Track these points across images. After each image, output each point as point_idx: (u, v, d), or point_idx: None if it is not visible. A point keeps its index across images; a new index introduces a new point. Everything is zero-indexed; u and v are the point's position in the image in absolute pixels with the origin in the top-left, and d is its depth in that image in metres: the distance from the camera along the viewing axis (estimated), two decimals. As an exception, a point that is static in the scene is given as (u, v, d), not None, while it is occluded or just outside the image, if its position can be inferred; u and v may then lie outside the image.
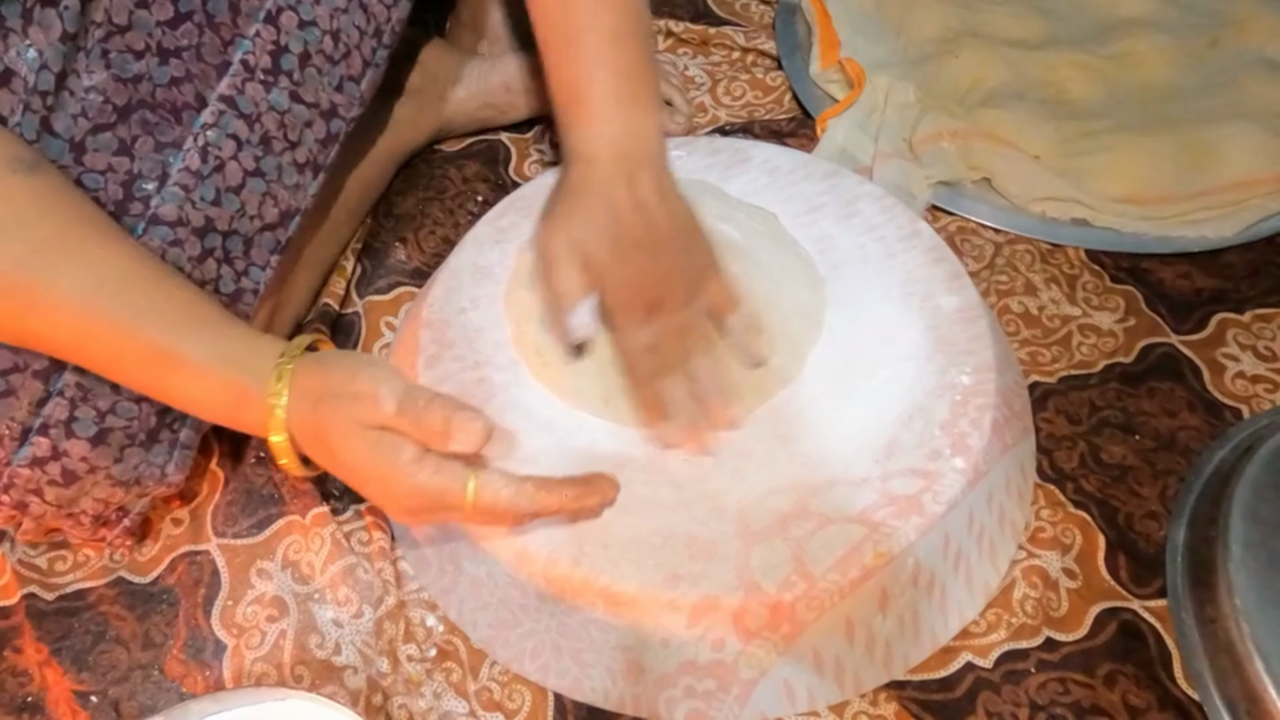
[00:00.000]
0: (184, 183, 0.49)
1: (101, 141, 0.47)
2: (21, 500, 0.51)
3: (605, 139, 0.53)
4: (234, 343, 0.46)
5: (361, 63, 0.56)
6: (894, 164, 0.73)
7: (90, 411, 0.49)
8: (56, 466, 0.50)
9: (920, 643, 0.51)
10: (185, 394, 0.46)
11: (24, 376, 0.48)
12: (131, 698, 0.53)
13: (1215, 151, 0.71)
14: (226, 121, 0.51)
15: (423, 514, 0.46)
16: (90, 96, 0.46)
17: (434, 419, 0.43)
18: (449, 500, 0.44)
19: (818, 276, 0.60)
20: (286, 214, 0.54)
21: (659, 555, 0.48)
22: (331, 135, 0.56)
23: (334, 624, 0.54)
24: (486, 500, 0.44)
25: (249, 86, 0.51)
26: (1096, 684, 0.50)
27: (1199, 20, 0.82)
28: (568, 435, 0.53)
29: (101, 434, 0.50)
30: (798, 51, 0.84)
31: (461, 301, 0.60)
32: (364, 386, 0.43)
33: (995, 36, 0.82)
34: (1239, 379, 0.62)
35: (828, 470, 0.51)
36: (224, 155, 0.51)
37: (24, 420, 0.48)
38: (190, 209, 0.50)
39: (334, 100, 0.55)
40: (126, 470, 0.52)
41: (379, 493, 0.45)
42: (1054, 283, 0.68)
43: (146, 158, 0.48)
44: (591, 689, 0.51)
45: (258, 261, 0.54)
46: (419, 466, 0.43)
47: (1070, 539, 0.56)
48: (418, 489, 0.44)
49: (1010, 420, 0.55)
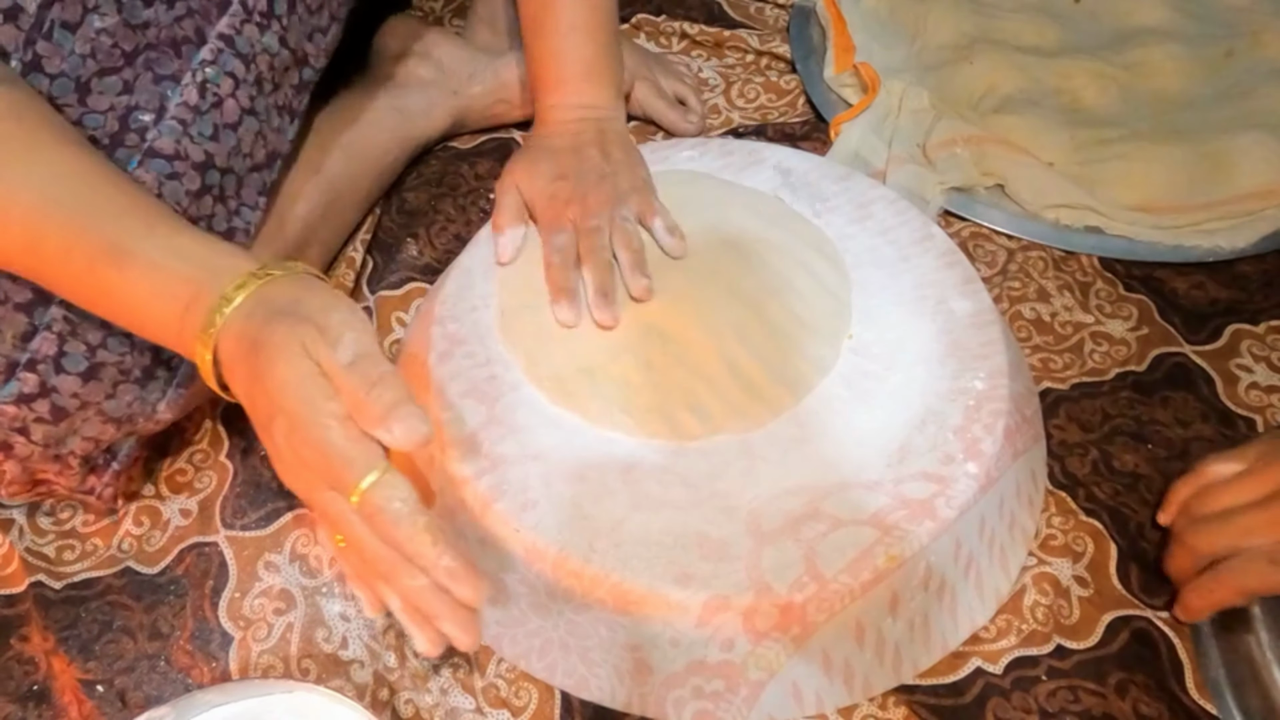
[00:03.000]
0: (182, 117, 0.50)
1: (107, 84, 0.48)
2: (5, 440, 0.49)
3: (566, 106, 0.64)
4: (195, 241, 0.43)
5: (329, 16, 0.59)
6: (907, 169, 0.73)
7: (80, 346, 0.48)
8: (45, 404, 0.49)
9: (930, 647, 0.51)
10: (134, 294, 0.42)
11: (6, 309, 0.47)
12: (138, 687, 0.52)
13: (1230, 161, 0.71)
14: (225, 60, 0.51)
15: (311, 478, 0.40)
16: (100, 39, 0.47)
17: (381, 396, 0.38)
18: (344, 475, 0.39)
19: (836, 252, 0.60)
20: (271, 156, 0.56)
21: (669, 554, 0.48)
22: (304, 83, 0.58)
23: (341, 618, 0.54)
24: (376, 500, 0.39)
25: (246, 27, 0.52)
26: (1108, 692, 0.50)
27: (1215, 30, 0.82)
28: (578, 433, 0.53)
29: (93, 369, 0.49)
30: (812, 55, 0.84)
31: (473, 299, 0.59)
32: (332, 322, 0.40)
33: (1010, 43, 0.82)
34: (1253, 390, 0.62)
35: (840, 472, 0.51)
36: (222, 93, 0.51)
37: (9, 355, 0.47)
38: (189, 143, 0.50)
39: (306, 49, 0.57)
40: (119, 407, 0.51)
41: (281, 430, 0.40)
42: (1066, 290, 0.68)
43: (144, 90, 0.49)
44: (599, 688, 0.51)
45: (248, 202, 0.55)
46: (339, 424, 0.39)
47: (1082, 546, 0.55)
48: (323, 444, 0.39)
49: (1022, 426, 0.55)
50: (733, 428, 0.52)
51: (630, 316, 0.56)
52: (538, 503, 0.50)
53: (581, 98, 0.63)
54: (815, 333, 0.56)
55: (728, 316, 0.55)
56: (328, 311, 0.40)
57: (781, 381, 0.53)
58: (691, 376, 0.53)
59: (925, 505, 0.49)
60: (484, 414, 0.54)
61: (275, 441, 0.41)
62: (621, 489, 0.50)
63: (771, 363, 0.54)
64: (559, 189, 0.59)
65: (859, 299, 0.58)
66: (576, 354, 0.55)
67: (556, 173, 0.60)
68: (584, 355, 0.55)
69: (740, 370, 0.53)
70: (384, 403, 0.38)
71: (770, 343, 0.55)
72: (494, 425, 0.53)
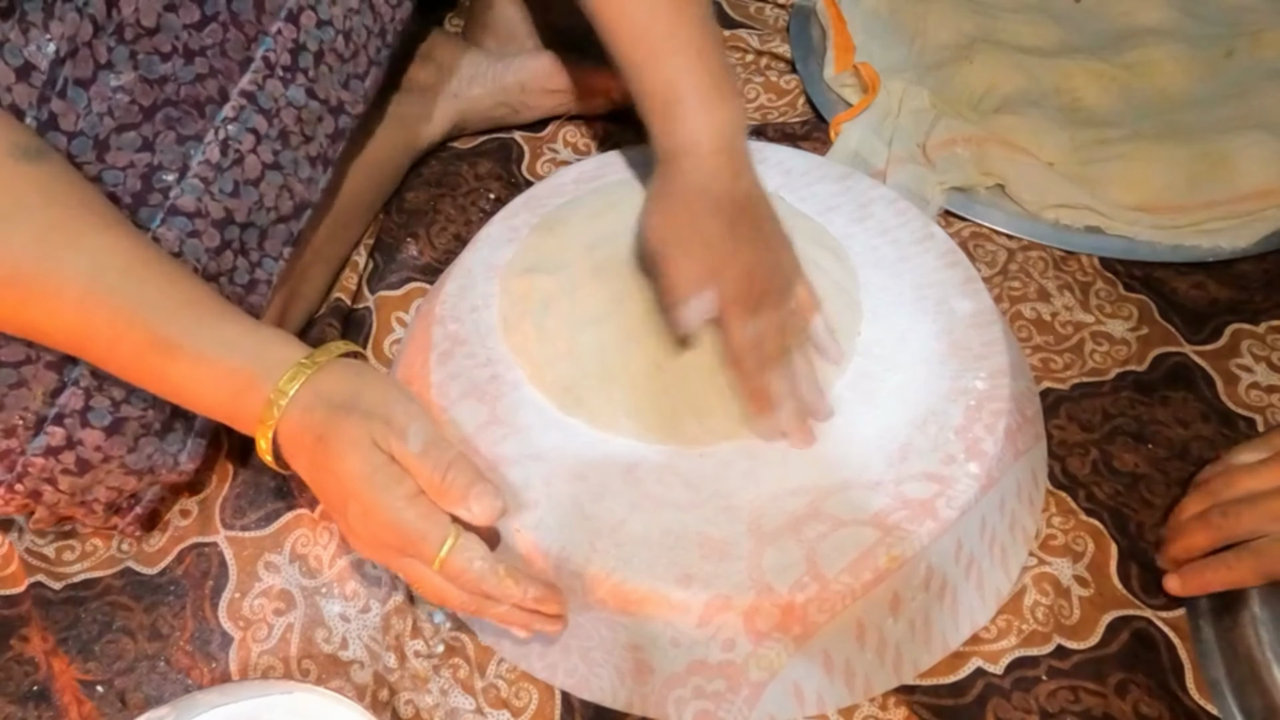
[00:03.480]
0: (203, 175, 0.50)
1: (125, 140, 0.48)
2: (35, 489, 0.51)
3: (702, 134, 0.53)
4: (240, 331, 0.45)
5: (367, 61, 0.57)
6: (908, 169, 0.73)
7: (105, 401, 0.49)
8: (71, 455, 0.50)
9: (931, 647, 0.51)
10: (183, 383, 0.45)
11: (36, 368, 0.47)
12: (138, 688, 0.52)
13: (1230, 161, 0.71)
14: (247, 116, 0.51)
15: (388, 551, 0.45)
16: (117, 96, 0.47)
17: (456, 479, 0.43)
18: (422, 549, 0.43)
19: (841, 248, 0.59)
20: (299, 206, 0.55)
21: (671, 554, 0.48)
22: (340, 131, 0.57)
23: (341, 618, 0.54)
24: (457, 563, 0.43)
25: (269, 83, 0.52)
26: (1108, 693, 0.50)
27: (1215, 30, 0.82)
28: (579, 433, 0.53)
29: (116, 423, 0.50)
30: (812, 55, 0.84)
31: (474, 299, 0.59)
32: (396, 415, 0.43)
33: (1010, 43, 0.82)
34: (1253, 389, 0.62)
35: (841, 472, 0.50)
36: (244, 149, 0.51)
37: (39, 410, 0.48)
38: (209, 201, 0.50)
39: (341, 97, 0.56)
40: (140, 459, 0.52)
41: (356, 514, 0.44)
42: (1067, 289, 0.68)
43: (168, 150, 0.49)
44: (600, 688, 0.50)
45: (271, 253, 0.54)
46: (411, 504, 0.43)
47: (1082, 546, 0.55)
48: (398, 524, 0.43)
49: (1023, 426, 0.55)
50: (739, 435, 0.52)
51: (640, 318, 0.55)
52: (539, 503, 0.50)
53: (714, 120, 0.53)
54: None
55: None
56: (389, 404, 0.44)
57: None
58: (703, 382, 0.53)
59: (926, 505, 0.49)
60: (485, 414, 0.54)
61: (350, 522, 0.45)
62: (623, 489, 0.50)
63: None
64: (742, 254, 0.52)
65: (861, 298, 0.58)
66: (584, 362, 0.54)
67: (729, 225, 0.52)
68: (592, 363, 0.54)
69: None
70: (460, 485, 0.43)
71: None
72: (495, 425, 0.53)
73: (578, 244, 0.59)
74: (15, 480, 0.50)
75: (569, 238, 0.60)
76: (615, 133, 0.79)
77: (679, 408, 0.53)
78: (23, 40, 0.44)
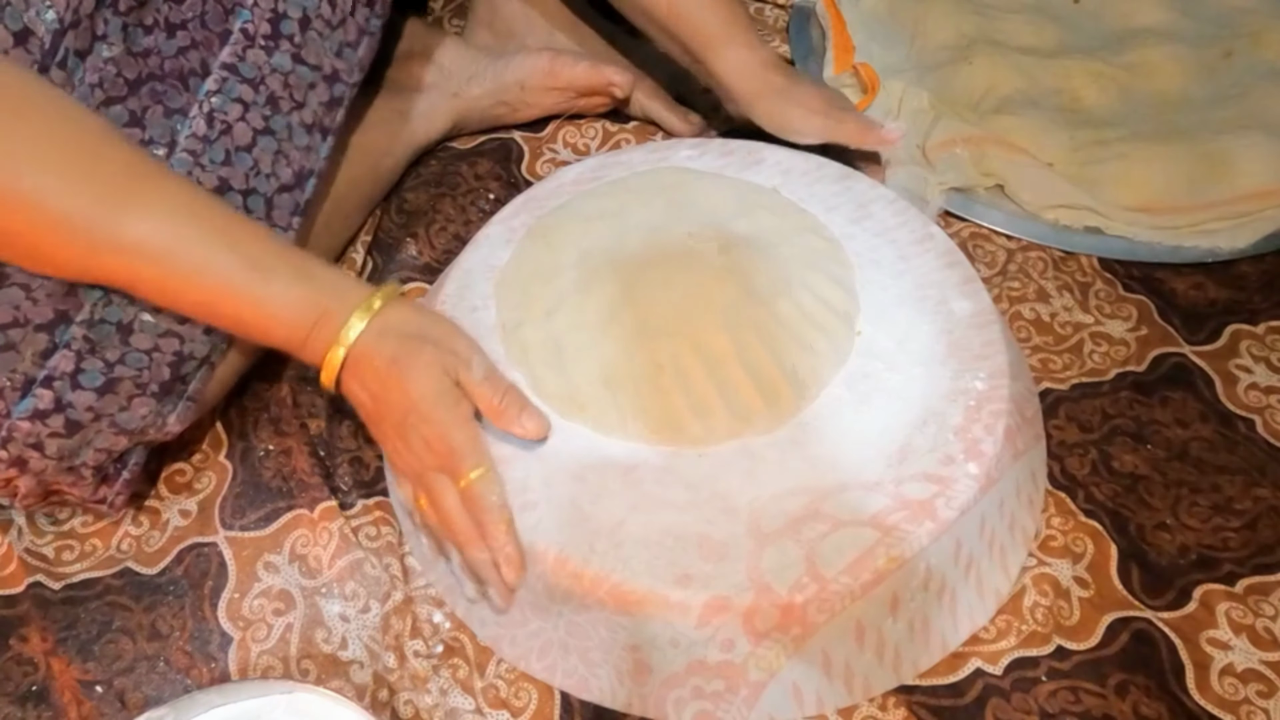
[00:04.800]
0: (191, 149, 0.51)
1: (113, 114, 0.48)
2: (20, 455, 0.50)
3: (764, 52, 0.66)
4: (316, 265, 0.49)
5: (358, 30, 0.58)
6: (907, 169, 0.72)
7: (98, 363, 0.49)
8: (59, 419, 0.50)
9: (930, 648, 0.51)
10: (264, 312, 0.47)
11: (25, 330, 0.48)
12: (137, 688, 0.52)
13: (1229, 162, 0.71)
14: (231, 87, 0.52)
15: (426, 465, 0.49)
16: (107, 68, 0.48)
17: (512, 399, 0.50)
18: (459, 466, 0.48)
19: (836, 238, 0.60)
20: (301, 175, 0.56)
21: (670, 555, 0.48)
22: (335, 99, 0.58)
23: (341, 618, 0.54)
24: (479, 489, 0.48)
25: (250, 53, 0.53)
26: (1108, 693, 0.50)
27: (1214, 31, 0.82)
28: (579, 434, 0.53)
29: (109, 383, 0.50)
30: (811, 56, 0.84)
31: (474, 300, 0.59)
32: (462, 347, 0.50)
33: (1009, 44, 0.82)
34: (1252, 390, 0.62)
35: (840, 473, 0.50)
36: (230, 119, 0.52)
37: (27, 371, 0.48)
38: (200, 173, 0.51)
39: (335, 65, 0.57)
40: (133, 419, 0.52)
41: (413, 424, 0.48)
42: (1066, 290, 0.68)
43: (157, 124, 0.50)
44: (599, 688, 0.50)
45: (279, 223, 0.55)
46: (464, 426, 0.48)
47: (1081, 547, 0.55)
48: (449, 439, 0.48)
49: (1022, 426, 0.55)
50: (741, 434, 0.52)
51: (641, 319, 0.55)
52: (538, 503, 0.50)
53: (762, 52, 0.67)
54: (824, 328, 0.55)
55: (742, 316, 0.54)
56: (454, 338, 0.50)
57: (794, 383, 0.53)
58: (704, 381, 0.53)
59: (925, 506, 0.49)
60: (484, 414, 0.54)
61: (404, 434, 0.49)
62: (621, 490, 0.50)
63: (784, 363, 0.53)
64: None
65: (860, 298, 0.58)
66: (585, 368, 0.54)
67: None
68: (593, 369, 0.54)
69: (755, 371, 0.53)
70: (515, 406, 0.50)
71: (781, 341, 0.54)
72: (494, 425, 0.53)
73: (575, 247, 0.59)
74: (0, 446, 0.50)
75: (566, 241, 0.60)
76: (615, 133, 0.79)
77: (680, 408, 0.52)
78: (23, 5, 0.45)
